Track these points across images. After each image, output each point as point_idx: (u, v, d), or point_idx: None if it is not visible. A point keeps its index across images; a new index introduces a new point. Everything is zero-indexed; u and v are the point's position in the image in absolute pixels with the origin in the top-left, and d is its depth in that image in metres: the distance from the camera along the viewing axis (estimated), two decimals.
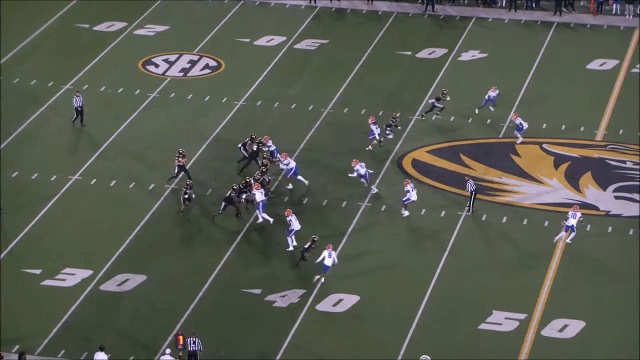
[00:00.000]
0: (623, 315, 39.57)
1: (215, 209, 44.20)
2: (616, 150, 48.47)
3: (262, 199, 43.75)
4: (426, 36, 58.01)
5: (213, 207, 44.88)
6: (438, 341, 38.33)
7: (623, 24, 58.50)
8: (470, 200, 44.66)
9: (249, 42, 57.85)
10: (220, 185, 46.21)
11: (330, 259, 40.42)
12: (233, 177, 46.57)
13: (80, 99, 50.39)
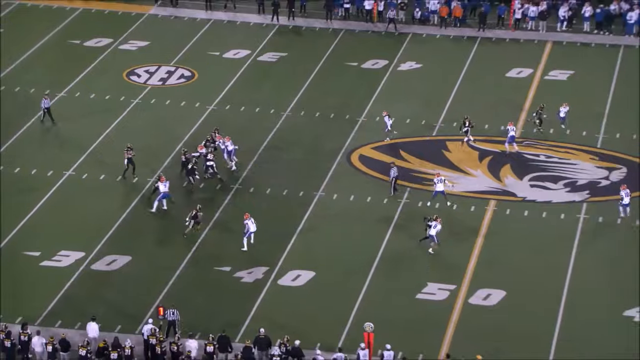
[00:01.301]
0: (539, 285, 39.95)
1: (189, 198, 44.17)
2: (531, 145, 48.76)
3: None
4: (370, 49, 58.02)
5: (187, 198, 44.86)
6: (381, 309, 38.54)
7: (537, 38, 58.79)
8: (392, 185, 44.77)
9: (219, 55, 57.69)
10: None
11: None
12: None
13: (47, 101, 50.46)
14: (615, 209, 43.73)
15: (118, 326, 37.82)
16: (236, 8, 62.27)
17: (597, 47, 57.54)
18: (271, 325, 37.10)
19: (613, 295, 39.19)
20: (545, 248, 42.12)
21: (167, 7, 62.81)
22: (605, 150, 48.25)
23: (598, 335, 37.38)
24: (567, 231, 42.95)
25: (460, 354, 35.95)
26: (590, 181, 46.11)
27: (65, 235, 43.03)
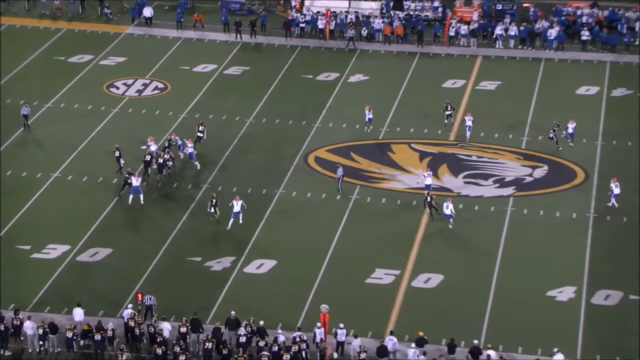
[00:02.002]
0: (473, 269, 40.23)
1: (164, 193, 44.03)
2: (464, 147, 49.01)
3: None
4: (323, 63, 58.01)
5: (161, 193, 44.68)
6: (336, 293, 38.69)
7: (469, 53, 59.10)
8: (339, 184, 44.83)
9: (189, 69, 57.44)
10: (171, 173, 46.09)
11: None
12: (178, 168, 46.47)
13: (27, 109, 50.22)
14: (537, 201, 44.21)
15: (101, 311, 37.66)
16: (204, 27, 62.04)
17: (521, 61, 58.04)
18: (238, 308, 37.05)
19: (537, 278, 39.57)
20: (478, 237, 42.44)
21: (142, 27, 62.42)
22: (529, 150, 48.63)
23: (524, 314, 37.73)
24: (497, 222, 43.26)
25: (404, 331, 36.19)
26: (516, 178, 46.43)
27: (53, 231, 42.71)
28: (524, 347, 35.95)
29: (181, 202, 44.73)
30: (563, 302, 38.22)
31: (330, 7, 62.26)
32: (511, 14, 61.03)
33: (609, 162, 47.24)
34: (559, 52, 58.48)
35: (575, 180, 46.04)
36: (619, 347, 35.98)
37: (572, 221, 43.06)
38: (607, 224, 42.71)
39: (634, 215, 43.09)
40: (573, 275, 39.54)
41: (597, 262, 40.32)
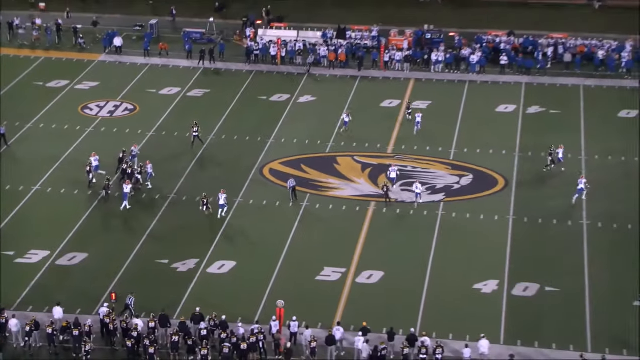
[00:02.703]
0: (409, 265, 40.37)
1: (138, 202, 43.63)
2: (400, 159, 49.24)
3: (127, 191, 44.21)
4: (276, 86, 57.94)
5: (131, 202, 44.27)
6: (289, 289, 38.59)
7: (402, 76, 59.38)
8: (291, 194, 44.78)
9: (156, 92, 57.04)
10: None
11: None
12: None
13: (3, 128, 49.85)
14: (464, 206, 44.57)
15: (78, 309, 37.21)
16: (169, 55, 61.67)
17: (448, 83, 58.48)
18: (202, 304, 36.84)
19: (465, 273, 39.83)
20: (413, 238, 42.61)
21: (113, 55, 61.86)
22: (456, 161, 48.98)
23: (454, 305, 37.97)
24: (429, 224, 43.46)
25: (350, 322, 36.21)
26: (445, 185, 46.72)
27: (34, 238, 42.12)
28: (454, 333, 36.18)
29: (149, 210, 44.34)
30: (487, 294, 38.51)
31: (281, 36, 62.31)
32: (438, 42, 61.52)
33: (526, 171, 47.74)
34: (481, 75, 59.08)
35: (496, 187, 46.47)
36: (537, 333, 36.36)
37: (494, 223, 43.44)
38: (525, 225, 43.08)
39: (548, 218, 43.59)
40: (496, 270, 39.87)
41: (516, 258, 40.70)
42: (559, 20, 64.81)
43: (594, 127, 51.80)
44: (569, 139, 50.16)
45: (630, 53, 59.35)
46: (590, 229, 42.45)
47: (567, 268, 39.95)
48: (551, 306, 37.75)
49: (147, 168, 46.15)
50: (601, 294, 38.25)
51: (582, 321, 36.83)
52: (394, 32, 62.96)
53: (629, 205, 44.30)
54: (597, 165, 47.80)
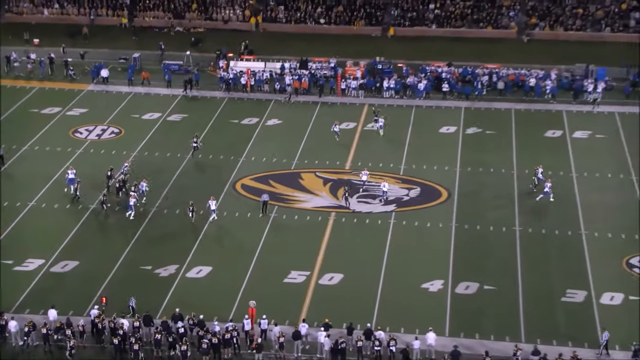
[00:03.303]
0: (366, 268, 40.47)
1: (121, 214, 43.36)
2: (357, 174, 49.37)
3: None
4: (246, 110, 57.86)
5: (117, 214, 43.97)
6: (259, 291, 38.50)
7: (357, 102, 59.61)
8: (263, 207, 44.78)
9: (139, 117, 56.71)
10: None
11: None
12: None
13: (1, 150, 49.64)
14: (413, 215, 44.79)
15: (71, 311, 36.86)
16: (150, 84, 61.42)
17: (397, 107, 58.77)
18: (182, 305, 36.68)
19: (414, 274, 40.05)
20: (369, 243, 42.73)
21: (100, 85, 61.37)
22: (405, 176, 49.26)
23: (405, 302, 38.18)
24: (383, 231, 43.65)
25: (314, 318, 36.25)
26: (396, 197, 46.98)
27: (31, 248, 41.66)
28: (405, 327, 36.39)
29: (134, 221, 44.03)
30: (434, 292, 38.75)
31: (250, 67, 62.40)
32: (389, 72, 62.02)
33: (466, 184, 48.12)
34: (426, 100, 59.56)
35: (440, 199, 46.85)
36: (477, 326, 36.68)
37: (439, 230, 43.76)
38: (465, 232, 43.44)
39: (485, 225, 43.97)
40: (441, 271, 40.14)
41: (458, 261, 41.00)
42: (493, 53, 65.66)
43: (524, 145, 52.48)
44: (502, 156, 50.78)
45: (554, 81, 60.29)
46: (522, 235, 42.95)
47: (503, 269, 40.38)
48: (489, 302, 38.11)
49: (142, 186, 45.73)
50: (532, 291, 38.72)
51: (516, 315, 37.23)
52: (350, 63, 63.32)
53: (555, 213, 44.93)
54: (527, 178, 48.40)
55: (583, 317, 36.98)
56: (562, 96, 59.13)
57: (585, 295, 38.24)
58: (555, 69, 61.60)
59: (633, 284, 39.01)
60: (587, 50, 65.47)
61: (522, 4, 72.56)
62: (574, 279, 39.36)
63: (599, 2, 71.67)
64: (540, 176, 47.15)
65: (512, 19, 71.64)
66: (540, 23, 71.03)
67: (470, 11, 72.06)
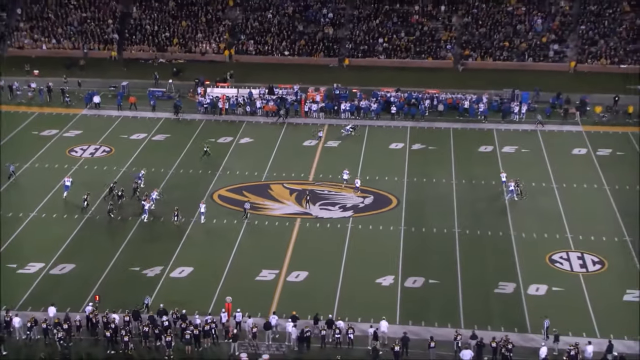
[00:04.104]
0: (328, 266, 40.31)
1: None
2: (319, 184, 49.35)
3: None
4: (221, 130, 57.36)
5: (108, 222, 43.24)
6: (235, 288, 38.16)
7: (319, 122, 59.14)
8: (245, 213, 44.55)
9: (127, 137, 55.93)
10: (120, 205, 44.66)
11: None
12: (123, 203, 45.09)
13: (12, 166, 48.97)
14: (368, 220, 44.70)
15: (68, 308, 36.09)
16: (137, 109, 60.66)
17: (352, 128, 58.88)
18: (166, 302, 36.19)
19: (369, 270, 40.03)
20: (330, 245, 42.53)
21: (93, 110, 60.45)
22: (361, 186, 49.20)
23: (362, 295, 38.12)
24: (342, 234, 43.57)
25: (283, 311, 35.97)
26: (353, 204, 46.97)
27: (32, 253, 40.79)
28: (362, 317, 36.32)
29: (125, 227, 43.35)
30: (386, 286, 38.75)
31: (225, 93, 62.06)
32: (345, 97, 62.14)
33: (412, 192, 48.30)
34: (377, 121, 59.71)
35: (391, 205, 46.95)
36: (424, 315, 36.74)
37: (390, 232, 43.77)
38: (412, 234, 43.51)
39: (429, 227, 44.09)
40: (392, 268, 40.15)
41: (407, 258, 41.07)
42: (433, 80, 66.17)
43: (461, 159, 52.89)
44: (443, 169, 51.09)
45: (485, 103, 60.94)
46: (461, 236, 43.20)
47: (444, 265, 40.53)
48: (433, 294, 38.21)
49: (153, 194, 45.28)
50: (469, 283, 38.92)
51: (457, 305, 37.40)
52: (311, 89, 63.27)
53: (488, 216, 45.32)
54: (464, 187, 48.79)
55: (513, 306, 37.25)
56: (493, 117, 59.79)
57: (514, 287, 38.53)
58: (486, 94, 62.27)
59: (556, 276, 39.42)
60: (513, 77, 66.36)
61: (457, 38, 73.41)
62: (505, 273, 39.67)
63: (523, 36, 72.79)
64: (504, 179, 47.79)
65: (449, 51, 72.41)
66: (473, 54, 71.88)
67: (413, 45, 72.69)
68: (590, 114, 59.86)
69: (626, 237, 42.76)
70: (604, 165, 51.47)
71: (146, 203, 44.11)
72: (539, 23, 73.49)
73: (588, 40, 71.66)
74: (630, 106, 59.60)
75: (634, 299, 37.50)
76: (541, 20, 73.66)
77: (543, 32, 72.76)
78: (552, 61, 70.93)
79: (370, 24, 74.50)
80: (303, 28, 74.72)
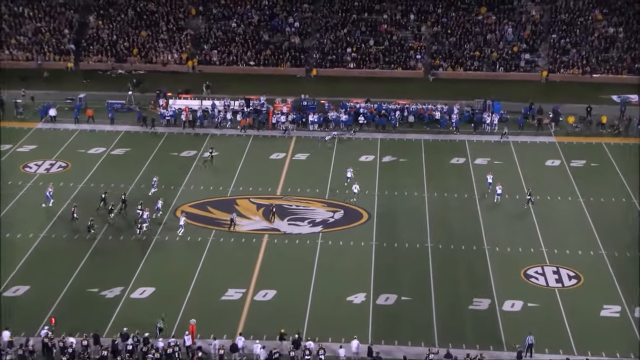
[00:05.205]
0: (296, 283, 40.00)
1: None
2: (287, 199, 49.20)
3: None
4: (185, 144, 56.84)
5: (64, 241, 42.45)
6: (199, 308, 37.67)
7: (287, 134, 59.32)
8: (231, 224, 44.54)
9: (85, 152, 55.19)
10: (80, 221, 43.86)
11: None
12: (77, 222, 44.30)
13: None
14: (338, 235, 44.64)
15: (23, 332, 35.22)
16: (95, 122, 59.93)
17: (322, 139, 58.78)
18: (127, 324, 35.54)
19: (340, 288, 39.89)
20: (298, 262, 42.31)
21: (48, 123, 59.54)
22: (331, 200, 49.26)
23: (332, 314, 37.95)
24: (311, 251, 43.40)
25: (250, 332, 35.60)
26: (323, 219, 46.89)
27: None
28: (332, 337, 36.14)
29: (82, 246, 42.57)
30: (357, 304, 38.61)
31: (188, 105, 61.66)
32: (313, 108, 62.19)
33: (383, 207, 48.37)
34: (347, 132, 59.76)
35: (362, 220, 46.94)
36: (396, 334, 36.69)
37: (361, 247, 43.74)
38: (384, 249, 43.54)
39: (401, 242, 44.16)
40: (363, 284, 40.04)
41: (379, 275, 41.04)
42: (403, 90, 66.65)
43: (433, 172, 53.18)
44: (415, 182, 51.32)
45: (457, 114, 61.49)
46: (434, 250, 43.34)
47: (417, 281, 40.57)
48: (406, 312, 38.18)
49: (158, 203, 45.64)
50: (443, 300, 38.98)
51: (430, 322, 37.41)
52: (278, 100, 63.20)
53: (462, 231, 45.56)
54: (436, 200, 49.03)
55: (488, 323, 37.37)
56: (464, 128, 60.34)
57: (489, 303, 38.71)
58: (457, 104, 62.85)
59: (531, 292, 39.70)
60: (484, 87, 67.14)
61: (427, 48, 74.12)
62: (479, 288, 39.84)
63: (494, 46, 73.79)
64: (490, 181, 48.64)
65: (419, 61, 73.04)
66: (443, 64, 72.61)
67: (382, 54, 73.16)
68: (563, 124, 60.79)
69: (602, 250, 43.28)
70: (578, 177, 52.21)
71: (145, 212, 43.93)
72: (509, 32, 74.65)
73: (559, 49, 72.95)
74: (603, 116, 60.69)
75: (611, 314, 37.85)
76: (512, 29, 74.83)
77: (514, 42, 73.90)
78: (523, 71, 72.01)
79: (338, 33, 74.86)
80: (269, 37, 74.79)
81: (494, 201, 46.58)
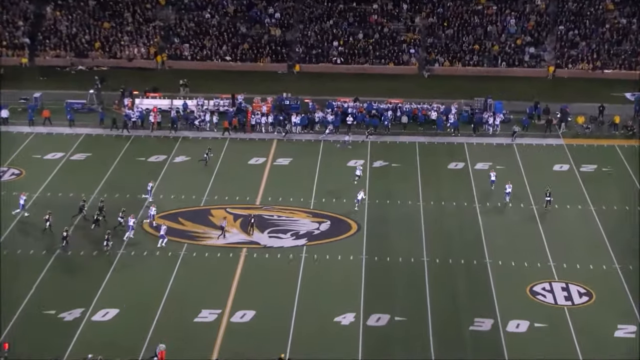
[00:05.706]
0: (280, 302, 39.86)
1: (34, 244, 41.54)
2: (267, 209, 49.14)
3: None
4: (153, 148, 56.73)
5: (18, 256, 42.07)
6: (169, 332, 37.45)
7: (267, 137, 59.48)
8: (222, 232, 44.59)
9: (41, 157, 54.88)
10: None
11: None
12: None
13: None
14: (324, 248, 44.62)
15: None
16: (52, 124, 59.61)
17: (306, 142, 58.87)
18: (89, 350, 35.31)
19: (326, 307, 39.76)
20: (281, 278, 42.19)
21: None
22: (316, 210, 49.29)
23: (318, 336, 37.81)
24: (294, 267, 43.23)
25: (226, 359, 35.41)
26: (307, 231, 46.87)
27: None
28: None
29: (38, 262, 42.27)
30: (346, 325, 38.50)
31: (156, 105, 61.52)
32: (296, 108, 62.23)
33: (374, 216, 48.41)
34: (333, 135, 59.74)
35: (350, 231, 46.96)
36: (391, 356, 36.60)
37: (350, 262, 43.73)
38: (375, 263, 43.52)
39: (394, 256, 44.21)
40: (352, 304, 39.95)
41: (369, 292, 40.96)
42: (396, 88, 66.89)
43: (429, 178, 53.31)
44: (409, 189, 51.44)
45: (455, 114, 61.75)
46: (430, 265, 43.37)
47: (412, 299, 40.55)
48: (400, 333, 38.10)
49: (151, 210, 46.25)
50: (441, 320, 38.96)
51: (427, 345, 37.32)
52: (257, 99, 63.22)
53: (461, 243, 45.69)
54: (432, 209, 49.14)
55: (491, 345, 37.41)
56: (463, 129, 60.61)
57: (492, 323, 38.76)
58: (455, 103, 63.14)
59: (538, 311, 39.83)
60: (485, 84, 67.51)
61: (421, 41, 74.42)
62: (481, 307, 39.89)
63: (495, 39, 74.25)
64: (493, 179, 49.49)
65: (413, 56, 73.33)
66: (440, 59, 72.94)
67: (372, 48, 73.38)
68: (571, 125, 61.20)
69: (615, 264, 43.51)
70: (589, 183, 52.55)
71: (131, 218, 44.28)
72: (512, 24, 75.19)
73: (567, 42, 73.52)
74: (616, 116, 61.14)
75: (626, 334, 38.03)
76: (515, 20, 75.37)
77: (517, 34, 74.43)
78: (527, 66, 72.52)
79: (323, 25, 75.07)
80: (246, 30, 74.84)
81: (504, 202, 46.60)
